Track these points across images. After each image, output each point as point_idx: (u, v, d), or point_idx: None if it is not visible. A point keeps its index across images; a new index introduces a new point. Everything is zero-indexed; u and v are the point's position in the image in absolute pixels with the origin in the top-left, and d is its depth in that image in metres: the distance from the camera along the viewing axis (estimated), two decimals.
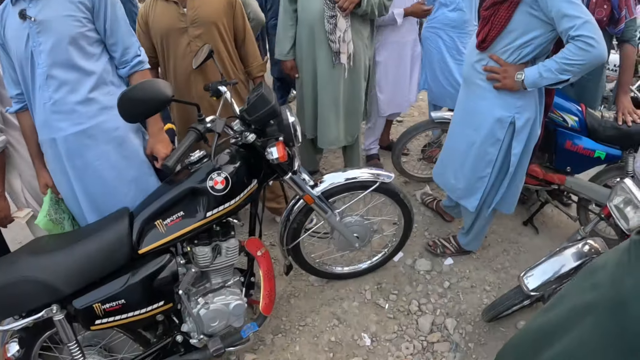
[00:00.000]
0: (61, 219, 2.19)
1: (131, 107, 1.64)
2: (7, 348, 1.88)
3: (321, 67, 3.00)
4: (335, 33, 2.90)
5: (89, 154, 2.01)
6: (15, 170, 2.44)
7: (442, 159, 2.76)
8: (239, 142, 2.03)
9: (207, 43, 2.38)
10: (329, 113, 3.10)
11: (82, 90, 1.97)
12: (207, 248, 2.02)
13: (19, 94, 2.09)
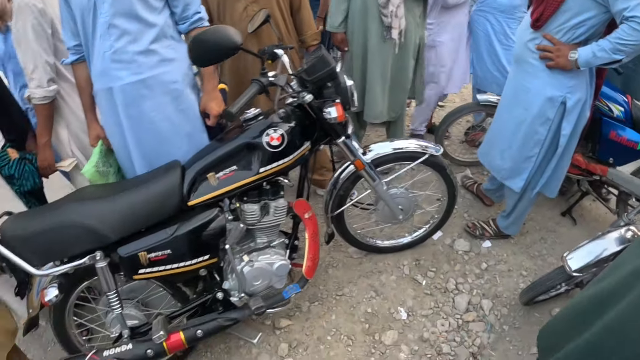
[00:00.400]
0: (107, 172, 2.20)
1: (202, 50, 1.65)
2: (45, 292, 1.86)
3: (372, 40, 2.97)
4: (388, 7, 2.86)
5: (146, 104, 2.01)
6: (64, 121, 2.48)
7: (489, 138, 2.72)
8: (295, 103, 2.01)
9: (263, 8, 2.36)
10: (375, 87, 3.07)
11: (143, 41, 1.95)
12: (256, 206, 2.01)
13: (77, 45, 2.09)
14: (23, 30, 2.27)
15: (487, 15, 3.42)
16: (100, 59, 1.98)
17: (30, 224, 1.81)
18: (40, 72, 2.28)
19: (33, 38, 2.28)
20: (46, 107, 2.34)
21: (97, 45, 1.97)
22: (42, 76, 2.28)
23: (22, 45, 2.29)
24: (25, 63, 2.30)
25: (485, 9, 3.42)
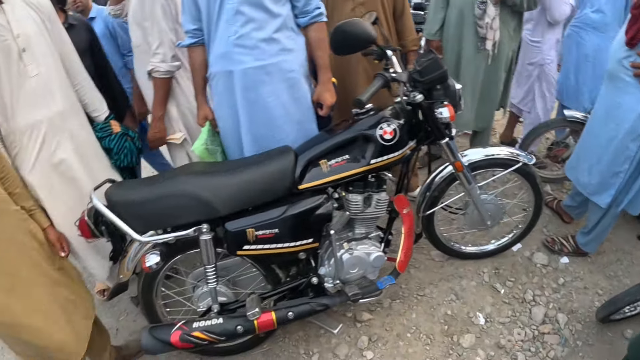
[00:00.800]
0: (215, 150, 2.31)
1: (342, 39, 1.76)
2: (147, 258, 1.92)
3: (466, 49, 3.05)
4: (484, 19, 2.95)
5: (264, 89, 2.10)
6: (174, 100, 2.62)
7: (577, 153, 2.74)
8: (406, 101, 2.09)
9: (370, 10, 2.46)
10: (465, 96, 3.13)
11: (267, 29, 2.05)
12: (360, 197, 2.09)
13: (195, 29, 2.20)
14: (151, 9, 2.41)
15: (580, 31, 3.45)
16: (223, 43, 2.07)
17: (139, 191, 1.91)
18: (166, 48, 2.42)
19: (161, 16, 2.41)
20: (165, 82, 2.48)
21: (221, 30, 2.07)
22: (166, 52, 2.42)
23: (148, 23, 2.44)
24: (152, 39, 2.44)
25: (579, 24, 3.45)
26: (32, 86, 2.08)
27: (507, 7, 2.99)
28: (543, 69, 3.64)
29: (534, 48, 3.62)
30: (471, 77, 3.12)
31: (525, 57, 3.70)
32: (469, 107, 3.19)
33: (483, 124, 3.35)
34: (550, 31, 3.53)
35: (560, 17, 3.38)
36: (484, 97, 3.22)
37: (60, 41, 2.29)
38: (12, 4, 2.07)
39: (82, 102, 2.38)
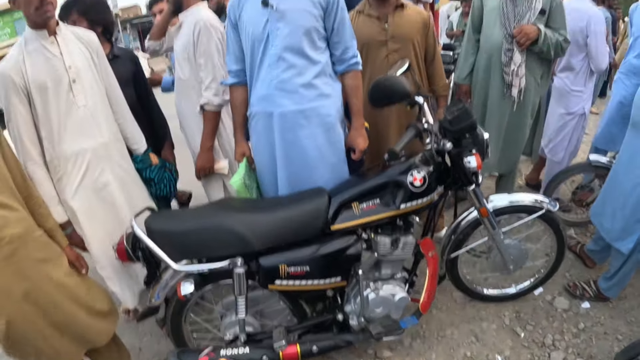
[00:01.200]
0: (251, 186, 2.41)
1: (380, 93, 1.91)
2: (182, 286, 2.03)
3: (492, 95, 3.14)
4: (509, 66, 3.05)
5: (301, 132, 2.21)
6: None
7: (602, 198, 2.78)
8: (435, 148, 2.18)
9: (403, 57, 2.59)
10: (490, 140, 3.19)
11: (307, 75, 2.18)
12: (388, 239, 2.17)
13: (238, 70, 2.34)
14: (207, 47, 2.59)
15: (622, 76, 3.54)
16: (265, 86, 2.21)
17: (177, 222, 2.04)
18: (218, 83, 2.58)
19: (216, 54, 2.60)
20: (216, 114, 2.64)
21: (264, 73, 2.21)
22: (218, 87, 2.58)
23: (203, 59, 2.60)
24: (204, 75, 2.60)
25: (623, 70, 3.54)
26: (79, 116, 2.24)
27: (534, 54, 3.07)
28: (581, 119, 3.70)
29: (575, 97, 3.65)
30: (496, 122, 3.20)
31: (565, 106, 3.71)
32: (494, 150, 3.26)
33: (507, 168, 3.42)
34: (591, 80, 3.62)
35: (605, 66, 3.47)
36: (508, 142, 3.30)
37: (106, 75, 2.45)
38: (64, 37, 2.24)
39: (123, 135, 2.52)
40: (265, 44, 2.16)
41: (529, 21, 3.01)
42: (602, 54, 3.45)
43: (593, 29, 3.40)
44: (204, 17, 2.61)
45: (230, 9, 2.25)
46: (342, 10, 2.21)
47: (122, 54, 2.94)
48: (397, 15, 2.77)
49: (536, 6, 3.01)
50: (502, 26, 3.08)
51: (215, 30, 2.59)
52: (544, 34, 2.96)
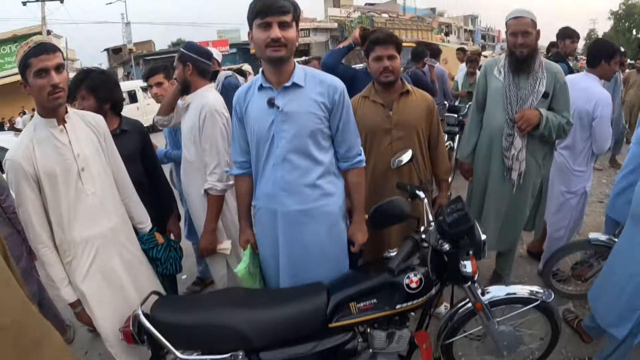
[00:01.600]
0: (255, 272, 2.50)
1: (379, 218, 2.03)
2: None
3: (492, 177, 3.26)
4: (510, 150, 3.16)
5: (304, 229, 2.28)
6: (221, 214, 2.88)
7: (599, 284, 2.85)
8: (433, 247, 2.26)
9: (407, 145, 2.71)
10: (489, 220, 3.33)
11: (311, 176, 2.24)
12: (384, 333, 2.25)
13: (243, 161, 2.43)
14: (212, 132, 2.72)
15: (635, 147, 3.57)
16: (270, 184, 2.28)
17: (182, 315, 2.15)
18: (222, 168, 2.71)
19: (220, 140, 2.72)
20: (220, 198, 2.77)
21: (268, 171, 2.28)
22: (222, 172, 2.70)
23: (208, 145, 2.72)
24: (209, 160, 2.72)
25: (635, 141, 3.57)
26: (88, 203, 2.31)
27: (536, 137, 3.16)
28: (584, 196, 3.74)
29: (577, 177, 3.69)
30: (496, 203, 3.30)
31: (566, 184, 3.75)
32: (492, 229, 3.35)
33: (506, 246, 3.51)
34: (593, 160, 3.70)
35: (607, 149, 3.57)
36: (507, 222, 3.38)
37: (113, 159, 2.54)
38: (73, 124, 2.32)
39: (129, 215, 2.61)
40: (270, 144, 2.23)
41: (532, 105, 3.10)
42: (605, 138, 3.50)
43: (600, 113, 3.43)
44: (210, 101, 2.74)
45: (236, 102, 2.33)
46: (347, 109, 2.28)
47: (130, 128, 3.02)
48: (402, 102, 2.88)
49: (539, 89, 3.10)
50: (504, 109, 3.18)
51: (220, 116, 2.72)
52: (545, 119, 3.03)
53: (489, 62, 3.49)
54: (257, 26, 2.06)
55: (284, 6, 2.04)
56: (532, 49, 3.09)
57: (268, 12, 2.02)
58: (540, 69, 3.12)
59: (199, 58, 2.89)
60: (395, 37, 2.90)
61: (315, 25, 41.53)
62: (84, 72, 2.95)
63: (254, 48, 2.16)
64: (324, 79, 2.24)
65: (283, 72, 2.17)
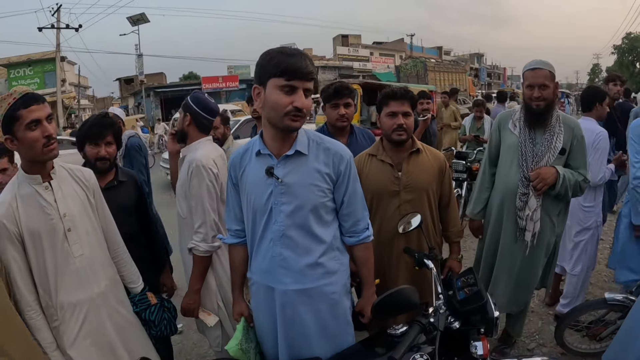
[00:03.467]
0: (249, 348, 2.29)
1: (385, 311, 1.88)
2: None
3: (504, 238, 3.08)
4: (524, 210, 3.00)
5: (303, 308, 2.07)
6: (213, 273, 2.73)
7: (617, 345, 2.69)
8: (443, 325, 2.09)
9: (417, 209, 2.54)
10: (500, 281, 3.15)
11: (313, 255, 2.02)
12: None
13: (238, 230, 2.22)
14: (198, 188, 2.58)
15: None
16: (267, 260, 2.06)
17: None
18: (207, 228, 2.55)
19: (206, 197, 2.57)
20: (205, 259, 2.60)
21: (265, 246, 2.06)
22: (208, 232, 2.54)
23: (194, 202, 2.58)
24: (195, 217, 2.57)
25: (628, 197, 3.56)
26: (76, 266, 2.18)
27: (552, 196, 2.99)
28: (597, 231, 3.78)
29: (587, 213, 3.79)
30: (507, 266, 3.13)
31: (578, 222, 3.81)
32: (503, 291, 3.17)
33: (517, 308, 3.30)
34: (599, 193, 3.75)
35: (598, 180, 3.61)
36: (519, 283, 3.19)
37: (103, 215, 2.41)
38: (59, 179, 2.20)
39: (120, 274, 2.48)
40: (268, 217, 2.02)
41: (548, 162, 2.95)
42: (599, 168, 3.63)
43: (597, 145, 3.64)
44: (198, 156, 2.62)
45: (231, 166, 2.14)
46: (353, 181, 2.09)
47: (127, 179, 2.93)
48: (413, 161, 2.71)
49: (556, 145, 2.95)
50: (519, 167, 3.02)
51: (207, 172, 2.58)
52: (562, 177, 2.88)
53: (503, 114, 3.34)
54: (277, 87, 1.81)
55: (312, 73, 1.85)
56: (549, 103, 2.95)
57: (297, 75, 1.80)
58: (558, 123, 2.98)
59: (199, 111, 2.77)
60: (411, 93, 2.73)
61: (324, 63, 42.14)
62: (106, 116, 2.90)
63: (259, 107, 1.93)
64: (329, 147, 2.04)
65: (287, 139, 1.98)
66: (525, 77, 3.02)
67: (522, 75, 3.09)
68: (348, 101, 3.20)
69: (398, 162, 2.70)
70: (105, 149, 2.73)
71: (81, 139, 2.78)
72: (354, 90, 3.17)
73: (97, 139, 2.72)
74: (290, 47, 1.90)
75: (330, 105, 3.22)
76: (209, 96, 2.93)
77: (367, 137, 3.47)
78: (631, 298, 3.10)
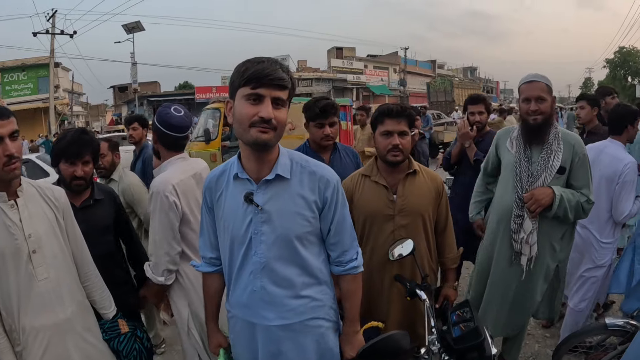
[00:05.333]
0: None
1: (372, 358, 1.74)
2: None
3: (498, 261, 2.96)
4: (519, 233, 2.86)
5: (286, 344, 1.88)
6: (186, 300, 2.60)
7: None
8: None
9: (412, 234, 2.39)
10: (492, 305, 3.04)
11: (297, 288, 1.84)
12: None
13: (213, 258, 2.03)
14: (152, 215, 2.46)
15: None
16: (246, 294, 1.87)
17: None
18: (158, 260, 2.47)
19: (158, 229, 2.45)
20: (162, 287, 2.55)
21: (245, 279, 1.87)
22: (158, 264, 2.49)
23: (150, 227, 2.48)
24: (149, 244, 2.48)
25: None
26: (40, 290, 2.04)
27: (550, 218, 2.83)
28: (610, 268, 3.54)
29: (604, 250, 3.48)
30: (501, 291, 2.99)
31: (591, 260, 3.53)
32: (495, 315, 3.03)
33: (513, 331, 3.16)
34: (618, 229, 3.49)
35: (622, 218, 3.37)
36: (515, 308, 3.04)
37: (73, 237, 2.27)
38: (27, 197, 2.06)
39: (90, 299, 2.34)
40: (247, 248, 1.82)
41: (545, 182, 2.79)
42: (624, 204, 3.32)
43: (624, 177, 3.30)
44: (157, 181, 2.51)
45: (206, 190, 1.94)
46: (341, 207, 1.89)
47: (103, 197, 2.75)
48: (409, 183, 2.52)
49: (554, 164, 2.79)
50: (514, 188, 2.89)
51: (162, 201, 2.43)
52: (559, 198, 2.72)
53: (501, 132, 3.22)
54: (243, 96, 1.65)
55: (283, 79, 1.66)
56: (546, 117, 2.81)
57: (262, 82, 1.62)
58: (556, 140, 2.82)
59: (161, 128, 2.59)
60: (409, 111, 2.52)
61: (318, 75, 42.25)
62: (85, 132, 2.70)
63: (231, 122, 1.74)
64: (315, 170, 1.84)
65: (265, 160, 1.77)
66: (521, 91, 2.90)
67: (518, 90, 2.97)
68: (334, 120, 3.09)
69: (393, 184, 2.53)
70: (82, 168, 2.55)
71: (57, 155, 2.57)
72: (338, 107, 3.07)
73: (75, 158, 2.53)
74: (262, 56, 1.71)
75: (315, 124, 3.08)
76: (179, 108, 2.68)
77: (351, 154, 3.35)
78: (632, 323, 2.93)
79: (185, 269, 2.57)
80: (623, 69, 51.89)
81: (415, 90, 50.71)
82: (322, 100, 3.11)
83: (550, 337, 4.05)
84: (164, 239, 2.44)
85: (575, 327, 3.65)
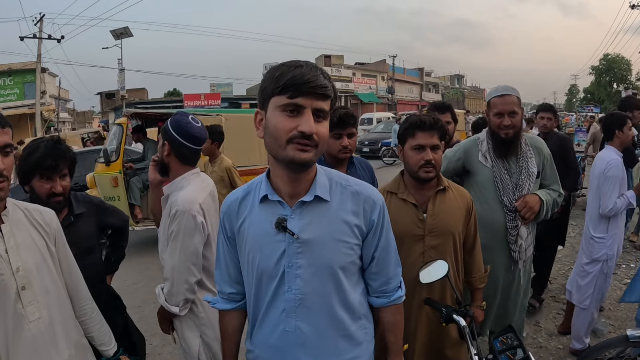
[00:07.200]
0: None
1: None
2: None
3: (496, 269, 2.89)
4: (517, 242, 2.90)
5: None
6: (197, 330, 2.38)
7: None
8: None
9: (442, 255, 2.28)
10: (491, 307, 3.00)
11: (339, 328, 1.60)
12: None
13: (232, 294, 1.76)
14: (174, 237, 2.24)
15: None
16: (276, 334, 1.60)
17: None
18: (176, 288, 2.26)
19: (180, 253, 2.23)
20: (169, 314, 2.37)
21: (275, 317, 1.60)
22: (175, 293, 2.26)
23: (168, 252, 2.28)
24: (165, 269, 2.29)
25: None
26: (31, 333, 1.73)
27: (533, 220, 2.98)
28: (606, 265, 3.64)
29: (598, 244, 3.64)
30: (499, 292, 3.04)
31: (587, 254, 3.73)
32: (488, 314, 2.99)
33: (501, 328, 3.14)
34: (613, 225, 3.60)
35: (607, 211, 3.49)
36: (503, 304, 3.11)
37: (67, 267, 1.96)
38: (12, 224, 1.74)
39: (88, 335, 2.05)
40: (279, 283, 1.56)
41: (529, 190, 2.88)
42: (608, 197, 3.49)
43: (606, 173, 3.50)
44: (180, 199, 2.26)
45: (225, 216, 1.67)
46: (387, 231, 1.66)
47: (85, 208, 2.48)
48: (439, 201, 2.38)
49: (532, 171, 2.89)
50: (500, 201, 2.89)
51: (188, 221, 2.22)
52: (545, 203, 2.87)
53: (466, 144, 3.13)
54: (278, 107, 1.40)
55: (326, 86, 1.40)
56: (517, 130, 2.84)
57: (302, 90, 1.37)
58: (528, 147, 2.94)
59: (179, 139, 2.31)
60: (441, 122, 2.36)
61: None
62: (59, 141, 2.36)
63: (261, 136, 1.49)
64: (358, 190, 1.60)
65: (302, 180, 1.52)
66: (493, 105, 2.87)
67: (488, 103, 2.94)
68: (352, 131, 2.76)
69: (422, 202, 2.37)
70: (61, 183, 2.25)
71: (29, 172, 2.23)
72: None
73: (52, 172, 2.22)
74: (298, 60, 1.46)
75: (332, 134, 2.64)
76: (194, 119, 2.42)
77: (367, 168, 3.12)
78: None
79: (200, 296, 2.35)
80: (608, 75, 52.78)
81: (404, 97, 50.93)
82: (340, 109, 2.79)
83: (563, 349, 4.03)
84: (185, 264, 2.23)
85: (585, 326, 3.79)
